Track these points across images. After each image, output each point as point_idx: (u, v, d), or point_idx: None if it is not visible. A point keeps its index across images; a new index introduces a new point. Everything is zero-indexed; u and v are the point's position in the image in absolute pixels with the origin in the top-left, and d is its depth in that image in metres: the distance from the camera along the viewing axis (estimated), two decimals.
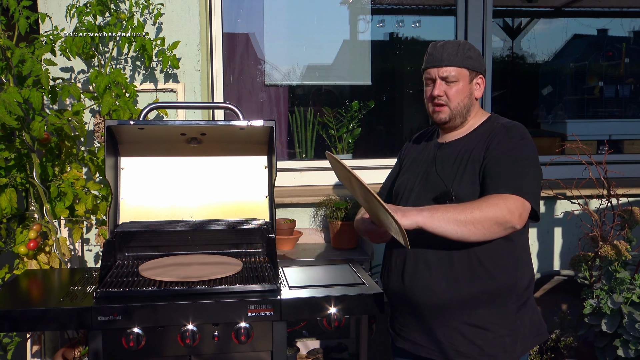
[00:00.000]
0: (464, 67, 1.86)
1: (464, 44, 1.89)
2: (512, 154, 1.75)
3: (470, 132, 1.90)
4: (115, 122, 2.11)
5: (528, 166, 1.75)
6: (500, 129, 1.83)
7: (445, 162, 1.86)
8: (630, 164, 3.63)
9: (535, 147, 1.83)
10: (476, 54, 1.89)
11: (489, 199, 1.67)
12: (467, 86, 1.88)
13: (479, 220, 1.62)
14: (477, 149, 1.82)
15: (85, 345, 2.52)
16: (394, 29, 4.87)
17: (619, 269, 2.49)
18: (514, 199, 1.66)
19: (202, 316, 1.87)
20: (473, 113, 1.93)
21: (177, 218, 2.32)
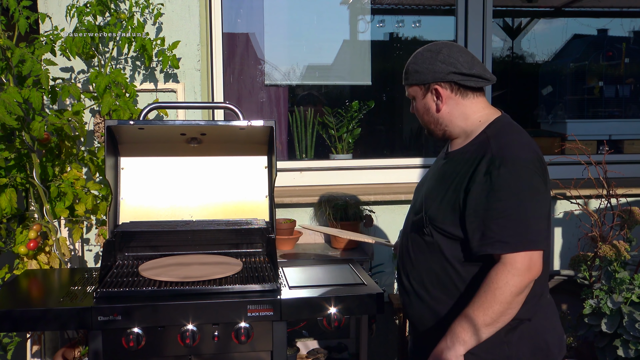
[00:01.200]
0: (412, 84, 1.73)
1: (417, 54, 1.73)
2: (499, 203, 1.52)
3: (467, 143, 1.69)
4: (115, 122, 2.11)
5: (523, 210, 1.52)
6: (489, 164, 1.55)
7: (439, 178, 1.72)
8: (630, 164, 3.63)
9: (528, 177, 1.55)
10: (426, 63, 1.67)
11: (495, 279, 1.49)
12: (420, 102, 1.74)
13: (503, 310, 1.49)
14: (462, 172, 1.62)
15: (85, 345, 2.52)
16: (394, 29, 4.87)
17: (618, 269, 2.49)
18: (519, 259, 1.49)
19: (202, 316, 1.87)
20: (461, 123, 1.70)
21: (177, 218, 2.32)
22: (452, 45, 1.70)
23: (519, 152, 1.57)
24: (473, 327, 1.50)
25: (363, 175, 3.52)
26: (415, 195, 1.86)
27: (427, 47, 1.71)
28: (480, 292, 1.51)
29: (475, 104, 1.71)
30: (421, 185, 1.86)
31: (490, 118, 1.70)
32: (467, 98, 1.69)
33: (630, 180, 3.36)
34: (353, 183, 3.49)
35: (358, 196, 3.11)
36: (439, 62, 1.66)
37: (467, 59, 1.67)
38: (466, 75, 1.65)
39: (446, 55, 1.66)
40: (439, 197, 1.66)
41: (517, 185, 1.53)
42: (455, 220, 1.60)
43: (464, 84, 1.67)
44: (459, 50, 1.69)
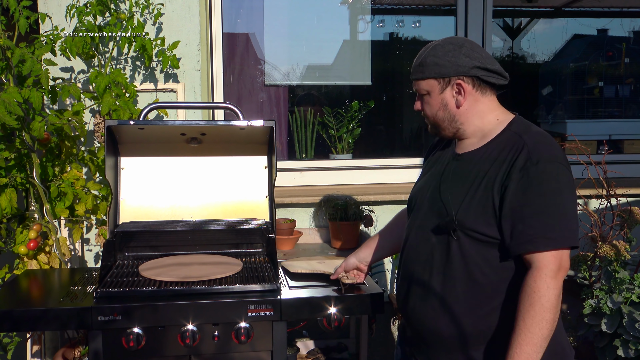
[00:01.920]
0: (429, 77, 1.62)
1: (436, 46, 1.63)
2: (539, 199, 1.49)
3: (488, 142, 1.62)
4: (115, 122, 2.11)
5: (563, 207, 1.49)
6: (526, 160, 1.51)
7: (456, 180, 1.63)
8: (630, 164, 3.63)
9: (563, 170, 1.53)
10: (448, 56, 1.59)
11: (536, 287, 1.46)
12: (437, 97, 1.63)
13: (554, 316, 1.48)
14: (492, 171, 1.56)
15: (85, 345, 2.52)
16: (394, 29, 4.87)
17: (618, 269, 2.49)
18: (552, 260, 1.47)
19: (202, 316, 1.87)
20: (477, 121, 1.64)
21: (177, 218, 2.32)
22: (471, 40, 1.65)
23: (553, 149, 1.54)
24: (535, 347, 1.45)
25: (363, 175, 3.52)
26: (422, 198, 1.73)
27: (448, 40, 1.62)
28: (527, 307, 1.46)
29: (491, 102, 1.66)
30: (426, 188, 1.73)
31: (507, 117, 1.66)
32: (485, 95, 1.64)
33: (630, 180, 3.36)
34: (353, 183, 3.49)
35: (358, 196, 3.11)
36: (463, 55, 1.58)
37: (488, 55, 1.63)
38: (490, 70, 1.60)
39: (469, 49, 1.59)
40: (467, 198, 1.57)
41: (556, 181, 1.50)
42: (489, 220, 1.53)
43: (487, 79, 1.61)
44: (479, 46, 1.64)
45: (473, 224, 1.55)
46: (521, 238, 1.49)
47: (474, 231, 1.55)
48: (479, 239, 1.55)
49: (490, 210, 1.53)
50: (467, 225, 1.55)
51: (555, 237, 1.47)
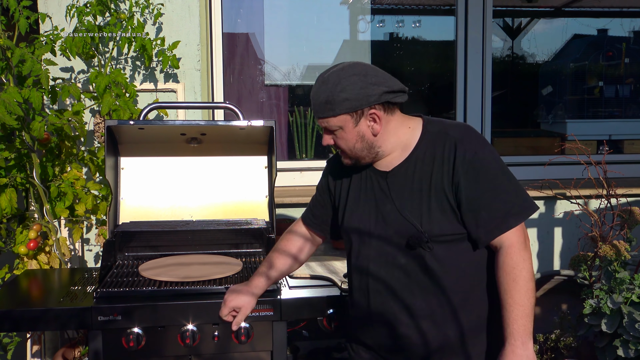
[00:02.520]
0: (341, 113, 1.56)
1: (340, 81, 1.55)
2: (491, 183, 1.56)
3: (413, 150, 1.63)
4: (115, 122, 2.11)
5: (512, 181, 1.59)
6: (465, 153, 1.56)
7: (402, 196, 1.61)
8: (630, 164, 3.63)
9: (493, 150, 1.62)
10: (357, 88, 1.54)
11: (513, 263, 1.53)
12: (352, 131, 1.59)
13: (534, 284, 1.56)
14: (436, 174, 1.58)
15: (85, 345, 2.52)
16: (394, 29, 4.87)
17: (618, 269, 2.49)
18: (517, 234, 1.55)
19: (202, 316, 1.87)
20: (392, 139, 1.63)
21: (177, 218, 2.32)
22: (366, 64, 1.61)
23: (477, 136, 1.63)
24: (529, 317, 1.53)
25: None
26: (368, 227, 1.67)
27: (348, 72, 1.56)
28: (511, 284, 1.52)
29: (399, 116, 1.65)
30: (368, 216, 1.67)
31: (416, 121, 1.67)
32: (395, 113, 1.63)
33: (630, 180, 3.36)
34: None
35: None
36: (371, 84, 1.55)
37: (386, 75, 1.60)
38: (396, 91, 1.59)
39: (373, 75, 1.57)
40: (424, 208, 1.58)
41: (495, 162, 1.59)
42: (452, 220, 1.58)
43: (395, 101, 1.60)
44: (376, 68, 1.60)
45: (440, 229, 1.57)
46: (489, 224, 1.55)
47: (443, 235, 1.58)
48: (449, 240, 1.59)
49: (449, 210, 1.57)
50: (435, 233, 1.57)
51: (519, 211, 1.56)
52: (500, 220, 1.54)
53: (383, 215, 1.63)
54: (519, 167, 3.56)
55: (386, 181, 1.65)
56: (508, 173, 1.60)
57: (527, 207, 1.58)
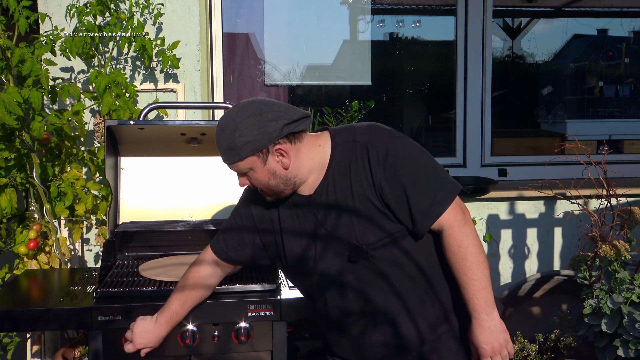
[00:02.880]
0: (246, 157, 1.55)
1: (237, 126, 1.53)
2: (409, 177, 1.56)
3: (328, 166, 1.62)
4: (115, 122, 2.11)
5: (429, 168, 1.60)
6: (377, 156, 1.56)
7: (330, 216, 1.61)
8: (630, 164, 3.63)
9: (404, 140, 1.61)
10: (255, 129, 1.52)
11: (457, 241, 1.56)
12: (262, 170, 1.58)
13: (485, 255, 1.60)
14: (356, 183, 1.57)
15: (85, 345, 2.52)
16: (394, 29, 4.87)
17: (618, 269, 2.49)
18: (454, 212, 1.57)
19: (202, 316, 1.87)
20: (307, 164, 1.61)
21: (177, 218, 2.32)
22: (261, 101, 1.58)
23: (383, 132, 1.62)
24: (487, 288, 1.57)
25: None
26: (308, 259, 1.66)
27: (242, 113, 1.54)
28: (461, 262, 1.56)
29: (308, 139, 1.63)
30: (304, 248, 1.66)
31: (324, 136, 1.66)
32: (302, 139, 1.60)
33: (630, 180, 3.36)
34: None
35: None
36: (268, 121, 1.53)
37: (283, 105, 1.58)
38: (296, 120, 1.57)
39: (269, 111, 1.54)
40: (355, 221, 1.58)
41: (409, 153, 1.59)
42: (386, 222, 1.58)
43: (298, 129, 1.58)
44: (272, 102, 1.58)
45: (376, 236, 1.58)
46: (420, 217, 1.56)
47: (381, 239, 1.58)
48: (391, 241, 1.59)
49: (379, 215, 1.58)
50: (372, 241, 1.58)
51: (443, 196, 1.57)
52: (427, 212, 1.56)
53: (320, 240, 1.63)
54: (519, 167, 3.56)
55: (311, 205, 1.64)
56: (424, 160, 1.60)
57: (450, 190, 1.58)
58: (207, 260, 1.82)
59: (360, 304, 1.64)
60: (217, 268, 1.82)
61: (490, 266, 1.63)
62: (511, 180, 3.48)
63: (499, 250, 3.23)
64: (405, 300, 1.62)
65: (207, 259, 1.82)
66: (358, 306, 1.65)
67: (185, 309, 1.81)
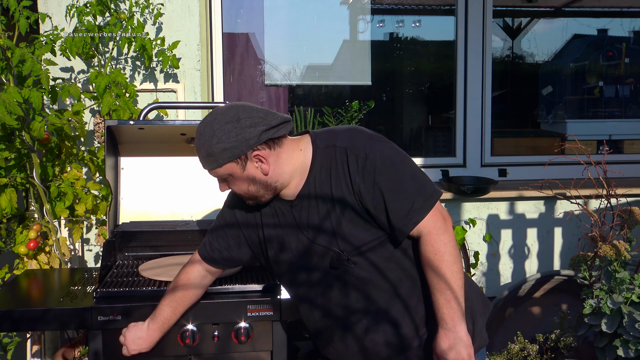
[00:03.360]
0: (224, 163, 1.55)
1: (214, 132, 1.52)
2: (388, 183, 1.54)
3: (309, 171, 1.60)
4: (115, 122, 2.11)
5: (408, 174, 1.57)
6: (356, 161, 1.55)
7: (312, 222, 1.61)
8: (630, 164, 3.63)
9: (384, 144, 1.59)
10: (232, 135, 1.51)
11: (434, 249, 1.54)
12: (242, 176, 1.57)
13: (460, 265, 1.57)
14: (336, 189, 1.56)
15: (85, 345, 2.52)
16: (394, 29, 4.87)
17: (618, 269, 2.49)
18: (433, 218, 1.55)
19: (202, 316, 1.87)
20: (287, 168, 1.59)
21: (177, 218, 2.32)
22: (239, 106, 1.56)
23: (363, 136, 1.60)
24: (458, 299, 1.54)
25: None
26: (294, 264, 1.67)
27: (220, 119, 1.53)
28: (436, 270, 1.54)
29: (289, 143, 1.61)
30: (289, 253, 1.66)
31: (305, 140, 1.64)
32: (283, 144, 1.59)
33: (630, 180, 3.36)
34: None
35: None
36: (246, 127, 1.51)
37: (262, 111, 1.56)
38: (275, 126, 1.55)
39: (247, 117, 1.53)
40: (336, 227, 1.58)
41: (388, 158, 1.56)
42: (367, 228, 1.57)
43: (277, 135, 1.56)
44: (251, 108, 1.56)
45: (357, 241, 1.57)
46: (398, 223, 1.54)
47: (362, 245, 1.57)
48: (374, 246, 1.58)
49: (360, 220, 1.57)
50: (353, 247, 1.57)
51: (422, 203, 1.55)
52: (405, 219, 1.54)
53: (301, 245, 1.63)
54: (519, 167, 3.56)
55: (292, 211, 1.63)
56: (404, 165, 1.58)
57: (429, 197, 1.56)
58: (195, 264, 1.81)
59: (342, 309, 1.64)
60: (206, 272, 1.82)
61: (490, 266, 1.62)
62: (511, 180, 3.48)
63: (499, 250, 3.23)
64: (383, 307, 1.62)
65: (195, 263, 1.81)
66: (341, 311, 1.65)
67: (177, 314, 1.81)
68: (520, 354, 2.81)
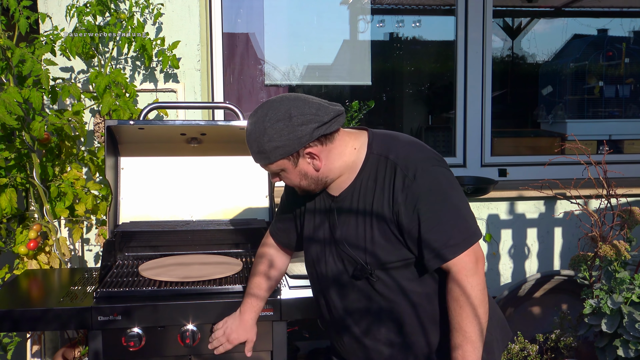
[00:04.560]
0: (276, 160, 1.53)
1: (265, 130, 1.49)
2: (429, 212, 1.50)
3: (358, 173, 1.59)
4: (115, 122, 2.11)
5: (453, 209, 1.52)
6: (403, 180, 1.51)
7: (346, 223, 1.60)
8: (630, 164, 3.63)
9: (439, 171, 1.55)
10: (284, 134, 1.48)
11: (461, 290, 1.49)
12: (294, 172, 1.56)
13: (485, 310, 1.51)
14: (377, 202, 1.54)
15: (85, 345, 2.52)
16: (394, 29, 4.88)
17: (618, 269, 2.49)
18: (466, 259, 1.49)
19: (202, 316, 1.87)
20: (338, 163, 1.58)
21: (177, 218, 2.32)
22: (291, 101, 1.52)
23: (420, 155, 1.56)
24: (475, 343, 1.48)
25: None
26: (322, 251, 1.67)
27: (272, 117, 1.50)
28: (458, 311, 1.49)
29: (342, 138, 1.58)
30: (320, 240, 1.67)
31: (361, 139, 1.62)
32: (335, 139, 1.56)
33: (630, 180, 3.36)
34: None
35: None
36: (298, 125, 1.48)
37: (314, 106, 1.51)
38: (328, 122, 1.52)
39: (299, 114, 1.49)
40: (367, 238, 1.56)
41: (438, 185, 1.52)
42: (397, 247, 1.55)
43: (330, 131, 1.53)
44: (303, 103, 1.51)
45: (386, 257, 1.55)
46: (428, 254, 1.50)
47: (389, 262, 1.55)
48: (398, 267, 1.56)
49: (393, 238, 1.54)
50: (381, 262, 1.55)
51: (457, 242, 1.49)
52: (436, 253, 1.50)
53: (333, 242, 1.63)
54: (519, 167, 3.56)
55: (332, 207, 1.63)
56: (451, 198, 1.53)
57: (466, 239, 1.50)
58: (269, 243, 1.90)
59: (356, 315, 1.64)
60: (280, 249, 1.89)
61: (490, 266, 1.61)
62: (511, 180, 3.48)
63: (499, 250, 3.23)
64: (398, 324, 1.59)
65: (269, 242, 1.90)
66: (354, 316, 1.64)
67: (264, 291, 1.85)
68: (520, 354, 2.81)
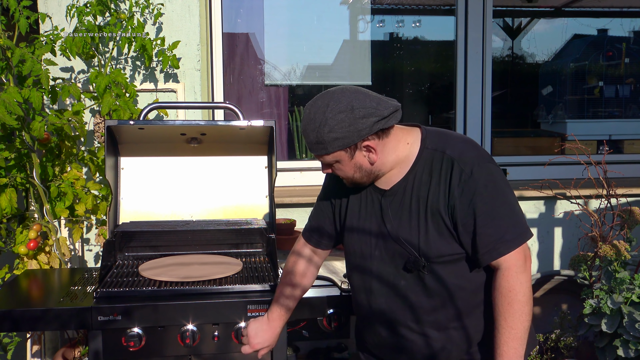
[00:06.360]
0: (333, 151, 1.54)
1: (326, 120, 1.50)
2: (485, 207, 1.52)
3: (411, 167, 1.60)
4: (115, 122, 2.11)
5: (507, 204, 1.55)
6: (460, 175, 1.53)
7: (398, 216, 1.60)
8: (630, 164, 3.63)
9: (493, 168, 1.57)
10: (345, 125, 1.49)
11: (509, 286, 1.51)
12: (349, 164, 1.57)
13: (531, 307, 1.54)
14: (432, 195, 1.56)
15: (85, 345, 2.52)
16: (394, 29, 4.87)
17: (618, 269, 2.49)
18: (516, 256, 1.52)
19: (202, 316, 1.87)
20: (391, 157, 1.59)
21: (177, 218, 2.32)
22: (352, 93, 1.52)
23: (476, 152, 1.58)
24: (520, 340, 1.51)
25: None
26: (369, 244, 1.67)
27: (334, 108, 1.50)
28: (506, 307, 1.51)
29: (396, 133, 1.60)
30: (368, 233, 1.67)
31: (414, 135, 1.63)
32: (390, 134, 1.58)
33: (630, 180, 3.36)
34: None
35: None
36: (359, 118, 1.49)
37: (374, 99, 1.52)
38: (387, 117, 1.53)
39: (361, 107, 1.50)
40: (421, 231, 1.57)
41: (493, 182, 1.54)
42: (450, 241, 1.56)
43: (388, 125, 1.54)
44: (364, 96, 1.52)
45: (437, 251, 1.56)
46: (483, 249, 1.53)
47: (441, 256, 1.57)
48: (449, 261, 1.58)
49: (447, 232, 1.56)
50: (432, 256, 1.57)
51: (512, 237, 1.53)
52: (491, 247, 1.52)
53: (382, 235, 1.63)
54: (519, 167, 3.56)
55: (382, 201, 1.64)
56: (506, 194, 1.55)
57: (521, 234, 1.54)
58: (301, 249, 1.86)
59: (399, 308, 1.64)
60: (313, 254, 1.85)
61: None
62: (511, 180, 3.48)
63: None
64: (442, 317, 1.61)
65: (301, 248, 1.86)
66: (396, 309, 1.64)
67: (293, 300, 1.82)
68: None
